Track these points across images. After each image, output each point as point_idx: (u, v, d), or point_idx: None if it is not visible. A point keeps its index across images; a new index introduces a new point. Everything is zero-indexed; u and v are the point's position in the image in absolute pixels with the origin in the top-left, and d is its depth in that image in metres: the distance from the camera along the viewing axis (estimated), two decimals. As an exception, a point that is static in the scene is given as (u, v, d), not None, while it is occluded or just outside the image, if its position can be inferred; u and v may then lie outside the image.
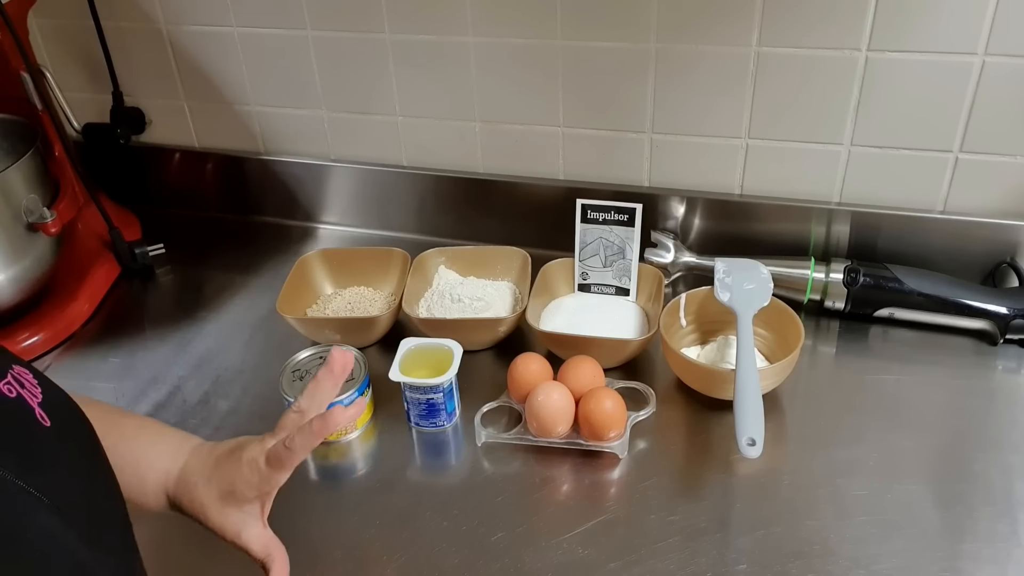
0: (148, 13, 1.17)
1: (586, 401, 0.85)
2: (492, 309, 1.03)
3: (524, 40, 1.05)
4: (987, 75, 0.92)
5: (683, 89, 1.02)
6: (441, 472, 0.88)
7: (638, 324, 1.01)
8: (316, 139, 1.21)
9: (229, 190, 1.28)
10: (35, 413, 0.50)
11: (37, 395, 0.51)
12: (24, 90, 1.04)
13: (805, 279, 1.00)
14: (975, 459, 0.83)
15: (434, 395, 0.88)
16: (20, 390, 0.50)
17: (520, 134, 1.12)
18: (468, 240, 1.15)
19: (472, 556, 0.77)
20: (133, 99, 1.26)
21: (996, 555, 0.74)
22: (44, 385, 0.53)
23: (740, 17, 0.96)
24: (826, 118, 0.99)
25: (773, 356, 0.94)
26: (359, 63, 1.13)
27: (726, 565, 0.75)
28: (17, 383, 0.51)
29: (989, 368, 0.94)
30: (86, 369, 1.03)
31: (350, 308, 1.06)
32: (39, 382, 0.53)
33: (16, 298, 1.03)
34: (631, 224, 1.00)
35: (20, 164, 0.98)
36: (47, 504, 0.47)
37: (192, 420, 0.94)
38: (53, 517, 0.47)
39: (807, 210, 1.04)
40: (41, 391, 0.52)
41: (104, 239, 1.16)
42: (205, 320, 1.09)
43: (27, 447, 0.49)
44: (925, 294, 0.96)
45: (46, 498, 0.47)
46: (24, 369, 0.53)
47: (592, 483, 0.84)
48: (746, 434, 0.79)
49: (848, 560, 0.74)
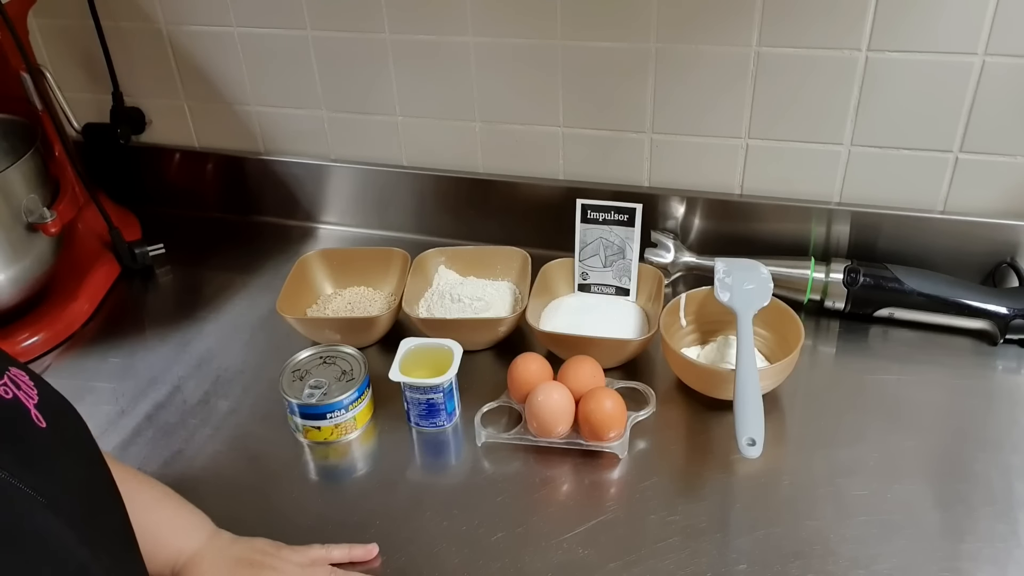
0: (148, 13, 1.17)
1: (586, 401, 0.85)
2: (492, 309, 1.03)
3: (524, 40, 1.05)
4: (987, 75, 0.92)
5: (683, 89, 1.02)
6: (441, 472, 0.88)
7: (638, 324, 1.01)
8: (316, 139, 1.21)
9: (229, 190, 1.28)
10: (31, 414, 0.50)
11: (33, 396, 0.52)
12: (24, 90, 1.04)
13: (805, 279, 1.00)
14: (975, 459, 0.83)
15: (434, 395, 0.88)
16: (16, 391, 0.50)
17: (520, 134, 1.12)
18: (468, 240, 1.15)
19: (472, 556, 0.77)
20: (133, 99, 1.26)
21: (996, 555, 0.74)
22: (40, 387, 0.53)
23: (740, 17, 0.96)
24: (826, 118, 0.99)
25: (773, 356, 0.94)
26: (359, 63, 1.13)
27: (726, 565, 0.75)
28: (13, 385, 0.51)
29: (989, 368, 0.94)
30: (86, 369, 1.03)
31: (350, 308, 1.06)
32: (35, 384, 0.53)
33: (16, 298, 1.03)
34: (631, 224, 1.00)
35: (20, 164, 0.98)
36: (43, 504, 0.47)
37: (192, 420, 0.94)
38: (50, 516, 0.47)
39: (807, 210, 1.04)
40: (37, 393, 0.52)
41: (104, 239, 1.16)
42: (205, 320, 1.09)
43: (23, 447, 0.49)
44: (925, 294, 0.96)
45: (42, 498, 0.47)
46: (20, 371, 0.53)
47: (592, 483, 0.84)
48: (746, 434, 0.79)
49: (848, 560, 0.74)
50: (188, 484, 0.84)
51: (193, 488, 0.82)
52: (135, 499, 0.62)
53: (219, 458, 0.89)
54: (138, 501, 0.68)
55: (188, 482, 0.85)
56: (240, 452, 0.90)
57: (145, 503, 0.72)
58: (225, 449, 0.90)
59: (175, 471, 0.87)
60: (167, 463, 0.88)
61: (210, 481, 0.86)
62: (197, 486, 0.84)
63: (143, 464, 0.88)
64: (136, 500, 0.63)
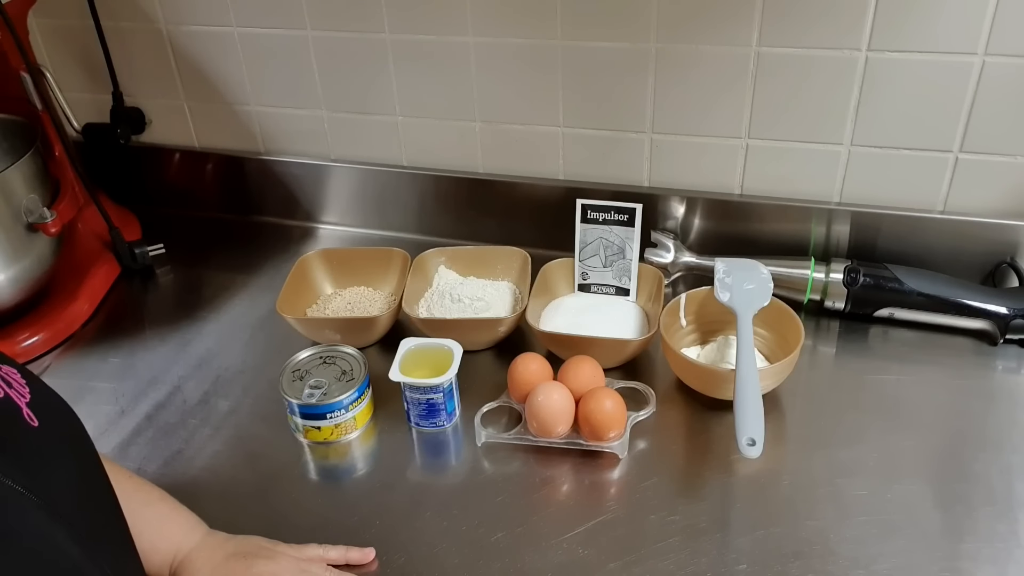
0: (148, 13, 1.17)
1: (586, 401, 0.85)
2: (492, 309, 1.03)
3: (524, 40, 1.05)
4: (987, 75, 0.92)
5: (683, 89, 1.02)
6: (441, 472, 0.88)
7: (638, 324, 1.01)
8: (316, 139, 1.21)
9: (229, 190, 1.28)
10: (23, 413, 0.50)
11: (25, 395, 0.51)
12: (24, 90, 1.04)
13: (805, 279, 1.00)
14: (975, 459, 0.83)
15: (434, 395, 0.88)
16: (8, 390, 0.50)
17: (520, 134, 1.12)
18: (468, 240, 1.15)
19: (472, 556, 0.77)
20: (133, 99, 1.26)
21: (996, 555, 0.74)
22: (33, 385, 0.53)
23: (740, 17, 0.96)
24: (826, 118, 0.99)
25: (773, 356, 0.94)
26: (359, 63, 1.13)
27: (726, 565, 0.75)
28: (4, 383, 0.50)
29: (989, 368, 0.94)
30: (86, 369, 1.03)
31: (350, 308, 1.06)
32: (27, 382, 0.52)
33: (16, 298, 1.03)
34: (631, 224, 1.00)
35: (20, 164, 0.98)
36: (35, 502, 0.46)
37: (192, 420, 0.94)
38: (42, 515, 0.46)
39: (807, 210, 1.04)
40: (30, 391, 0.52)
41: (104, 239, 1.16)
42: (205, 320, 1.09)
43: (14, 446, 0.48)
44: (925, 294, 0.96)
45: (34, 496, 0.46)
46: (12, 369, 0.52)
47: (592, 483, 0.84)
48: (746, 434, 0.79)
49: (848, 560, 0.74)
50: (188, 484, 0.84)
51: (193, 488, 0.82)
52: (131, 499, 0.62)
53: (219, 458, 0.89)
54: (134, 500, 0.68)
55: (188, 482, 0.85)
56: (240, 452, 0.90)
57: (140, 504, 0.72)
58: (225, 449, 0.90)
59: (175, 471, 0.87)
60: (167, 463, 0.88)
61: (210, 481, 0.86)
62: (197, 486, 0.84)
63: (143, 464, 0.88)
64: (132, 500, 0.63)
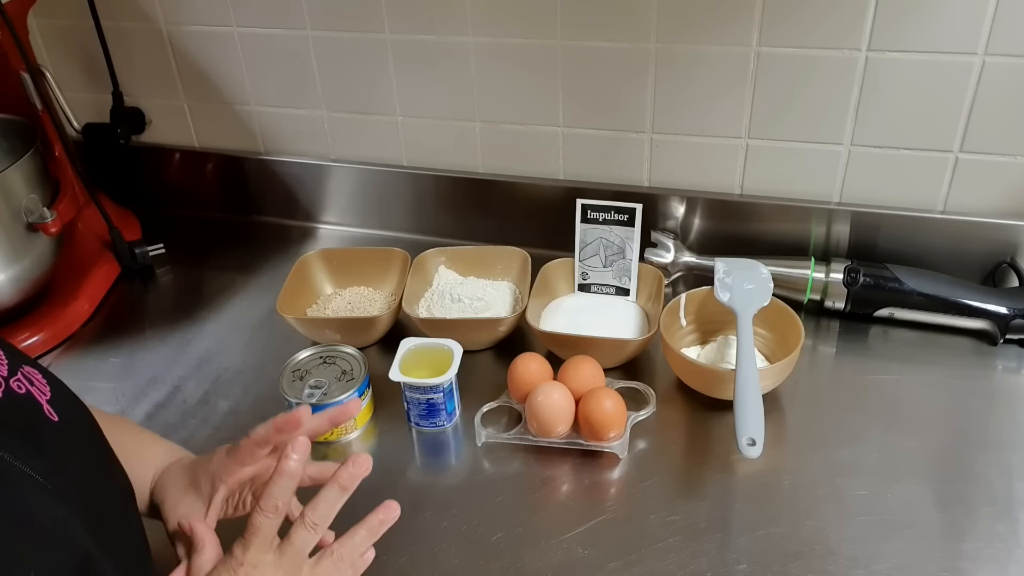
0: (148, 13, 1.17)
1: (586, 401, 0.85)
2: (492, 309, 1.03)
3: (524, 40, 1.05)
4: (987, 75, 0.92)
5: (683, 89, 1.02)
6: (441, 472, 0.88)
7: (638, 324, 1.01)
8: (316, 139, 1.21)
9: (229, 190, 1.28)
10: (43, 409, 0.52)
11: (46, 392, 0.53)
12: (24, 90, 1.04)
13: (805, 279, 1.00)
14: (975, 459, 0.83)
15: (434, 395, 0.88)
16: (29, 387, 0.52)
17: (520, 134, 1.12)
18: (468, 240, 1.15)
19: (472, 556, 0.77)
20: (133, 99, 1.26)
21: (996, 555, 0.74)
22: (52, 384, 0.54)
23: (740, 17, 0.96)
24: (826, 118, 0.99)
25: (773, 356, 0.94)
26: (359, 63, 1.13)
27: (726, 565, 0.75)
28: (27, 381, 0.52)
29: (989, 368, 0.94)
30: (86, 369, 1.03)
31: (350, 308, 1.06)
32: (48, 381, 0.54)
33: (16, 298, 1.03)
34: (631, 224, 1.00)
35: (20, 164, 0.98)
36: (50, 490, 0.48)
37: (192, 420, 0.94)
38: (57, 503, 0.48)
39: (807, 210, 1.04)
40: (50, 389, 0.53)
41: (104, 239, 1.16)
42: (205, 320, 1.09)
43: (32, 436, 0.50)
44: (925, 294, 0.96)
45: (50, 484, 0.48)
46: (33, 368, 0.54)
47: (592, 483, 0.84)
48: (746, 434, 0.79)
49: (848, 560, 0.74)
50: (188, 484, 0.84)
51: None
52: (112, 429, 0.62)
53: (219, 458, 0.89)
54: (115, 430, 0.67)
55: (188, 482, 0.85)
56: (240, 452, 0.89)
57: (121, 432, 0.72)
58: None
59: (175, 471, 0.87)
60: (167, 463, 0.88)
61: (210, 481, 0.86)
62: (197, 486, 0.84)
63: (143, 464, 0.88)
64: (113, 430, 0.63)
